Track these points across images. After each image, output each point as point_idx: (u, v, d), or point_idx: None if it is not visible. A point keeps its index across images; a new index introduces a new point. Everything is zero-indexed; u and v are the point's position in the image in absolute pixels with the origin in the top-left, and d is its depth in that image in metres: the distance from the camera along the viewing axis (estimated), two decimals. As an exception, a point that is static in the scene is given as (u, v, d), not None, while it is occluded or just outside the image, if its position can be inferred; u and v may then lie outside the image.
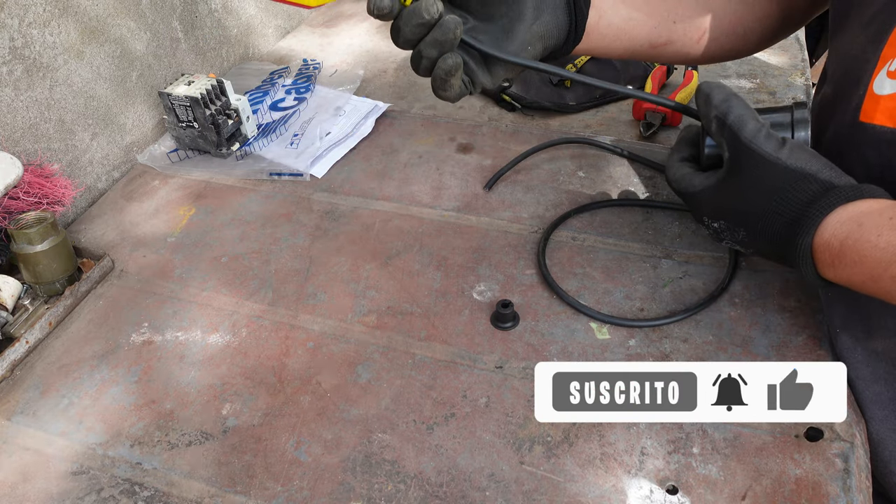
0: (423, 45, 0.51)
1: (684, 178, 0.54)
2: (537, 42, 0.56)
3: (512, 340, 0.61)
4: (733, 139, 0.48)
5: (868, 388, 0.54)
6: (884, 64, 0.47)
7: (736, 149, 0.48)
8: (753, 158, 0.47)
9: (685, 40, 0.63)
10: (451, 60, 0.51)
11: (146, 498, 0.52)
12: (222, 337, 0.64)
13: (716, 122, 0.49)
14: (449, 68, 0.51)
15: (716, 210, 0.51)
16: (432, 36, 0.50)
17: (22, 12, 0.72)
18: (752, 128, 0.48)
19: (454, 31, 0.50)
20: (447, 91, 0.53)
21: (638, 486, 0.49)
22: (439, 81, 0.52)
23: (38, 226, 0.65)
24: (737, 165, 0.49)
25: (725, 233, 0.52)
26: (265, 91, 0.97)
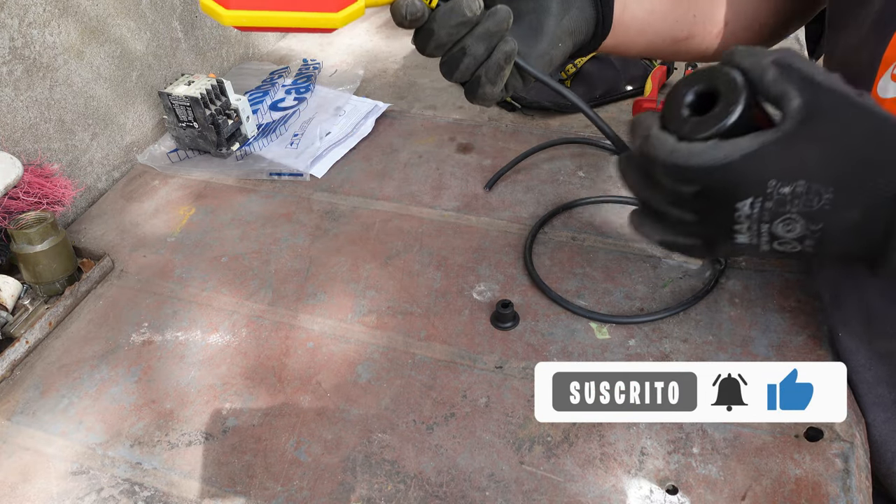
0: (470, 41, 0.46)
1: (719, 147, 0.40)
2: (567, 38, 0.53)
3: (512, 340, 0.61)
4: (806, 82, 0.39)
5: (871, 390, 0.54)
6: (887, 67, 0.47)
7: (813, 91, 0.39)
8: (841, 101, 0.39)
9: (705, 35, 0.62)
10: (512, 44, 0.47)
11: (146, 498, 0.52)
12: (222, 337, 0.64)
13: (774, 68, 0.40)
14: (509, 52, 0.47)
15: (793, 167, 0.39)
16: (484, 27, 0.46)
17: (22, 12, 0.72)
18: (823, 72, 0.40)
19: (507, 21, 0.46)
20: (496, 84, 0.48)
21: (638, 486, 0.49)
22: (493, 71, 0.47)
23: (38, 226, 0.65)
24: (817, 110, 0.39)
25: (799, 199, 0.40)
26: (265, 91, 0.97)
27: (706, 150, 0.39)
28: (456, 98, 0.96)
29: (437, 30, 0.45)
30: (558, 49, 0.52)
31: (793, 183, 0.39)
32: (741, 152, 0.39)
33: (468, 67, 0.47)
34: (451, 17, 0.45)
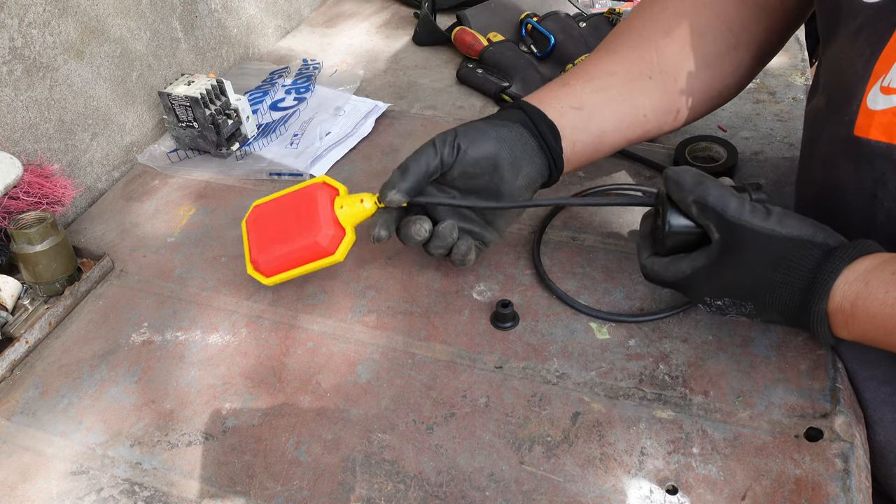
0: (430, 248, 0.59)
1: (669, 267, 0.53)
2: (525, 192, 0.60)
3: (512, 340, 0.60)
4: (720, 219, 0.48)
5: (879, 388, 0.54)
6: (877, 79, 0.47)
7: (726, 228, 0.48)
8: (747, 233, 0.48)
9: (661, 124, 0.65)
10: (464, 246, 0.60)
11: (146, 498, 0.52)
12: (222, 337, 0.64)
13: (695, 206, 0.49)
14: (464, 253, 0.60)
15: (717, 289, 0.51)
16: (434, 244, 0.59)
17: (22, 12, 0.72)
18: (735, 204, 0.48)
19: (451, 236, 0.58)
20: (465, 265, 0.61)
21: (638, 486, 0.49)
22: (459, 260, 0.60)
23: (37, 226, 0.65)
24: (730, 243, 0.48)
25: (731, 308, 0.51)
26: (265, 91, 0.97)
27: (660, 270, 0.53)
28: (456, 98, 0.96)
29: (406, 243, 0.59)
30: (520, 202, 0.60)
31: (721, 299, 0.51)
32: (682, 274, 0.52)
33: (441, 256, 0.61)
34: (409, 241, 0.59)
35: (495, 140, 0.58)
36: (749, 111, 0.87)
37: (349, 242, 0.58)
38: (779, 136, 0.82)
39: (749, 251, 0.48)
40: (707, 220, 0.49)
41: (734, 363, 0.56)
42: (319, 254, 0.57)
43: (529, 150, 0.59)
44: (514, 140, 0.58)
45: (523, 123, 0.59)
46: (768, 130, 0.83)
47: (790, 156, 0.78)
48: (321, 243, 0.56)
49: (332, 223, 0.57)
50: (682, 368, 0.57)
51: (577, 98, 0.62)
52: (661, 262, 0.53)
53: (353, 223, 0.59)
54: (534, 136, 0.59)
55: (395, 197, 0.56)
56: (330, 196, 0.59)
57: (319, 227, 0.56)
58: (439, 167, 0.57)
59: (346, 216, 0.58)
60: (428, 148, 0.57)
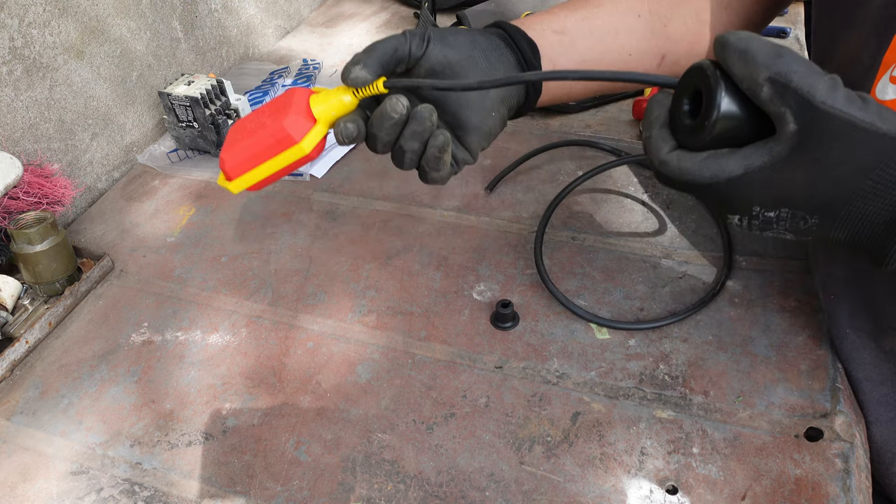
0: (403, 141, 0.50)
1: (707, 165, 0.40)
2: (500, 106, 0.54)
3: (512, 340, 0.60)
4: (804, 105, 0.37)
5: (875, 389, 0.54)
6: (886, 69, 0.47)
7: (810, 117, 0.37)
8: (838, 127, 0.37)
9: (644, 69, 0.61)
10: (442, 138, 0.50)
11: (146, 498, 0.52)
12: (222, 337, 0.64)
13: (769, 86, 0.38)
14: (441, 145, 0.51)
15: (776, 197, 0.40)
16: (410, 129, 0.50)
17: (22, 12, 0.72)
18: (826, 87, 0.37)
19: (430, 119, 0.49)
20: (440, 170, 0.51)
21: (638, 486, 0.49)
22: (432, 162, 0.51)
23: (37, 226, 0.65)
24: (812, 137, 0.38)
25: (784, 222, 0.41)
26: (265, 91, 0.97)
27: (693, 167, 0.40)
28: (456, 98, 0.96)
29: (377, 133, 0.49)
30: (493, 119, 0.53)
31: (776, 209, 0.40)
32: (726, 176, 0.39)
33: (411, 160, 0.51)
34: (383, 121, 0.49)
35: (469, 43, 0.52)
36: (749, 111, 0.87)
37: (319, 134, 0.51)
38: (779, 136, 0.82)
39: (837, 150, 0.38)
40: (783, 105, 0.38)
41: (734, 363, 0.56)
42: (284, 143, 0.50)
43: (506, 63, 0.54)
44: (489, 48, 0.53)
45: (500, 37, 0.54)
46: (768, 130, 0.83)
47: (790, 156, 0.78)
48: (286, 129, 0.50)
49: (302, 112, 0.51)
50: (682, 368, 0.57)
51: (560, 23, 0.58)
52: (693, 158, 0.40)
53: (329, 118, 0.51)
54: (511, 50, 0.54)
55: (360, 73, 0.48)
56: (308, 93, 0.53)
57: (287, 113, 0.51)
58: (406, 56, 0.50)
59: (321, 109, 0.51)
60: (396, 35, 0.51)
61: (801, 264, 0.64)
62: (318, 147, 0.50)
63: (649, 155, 0.43)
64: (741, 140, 0.40)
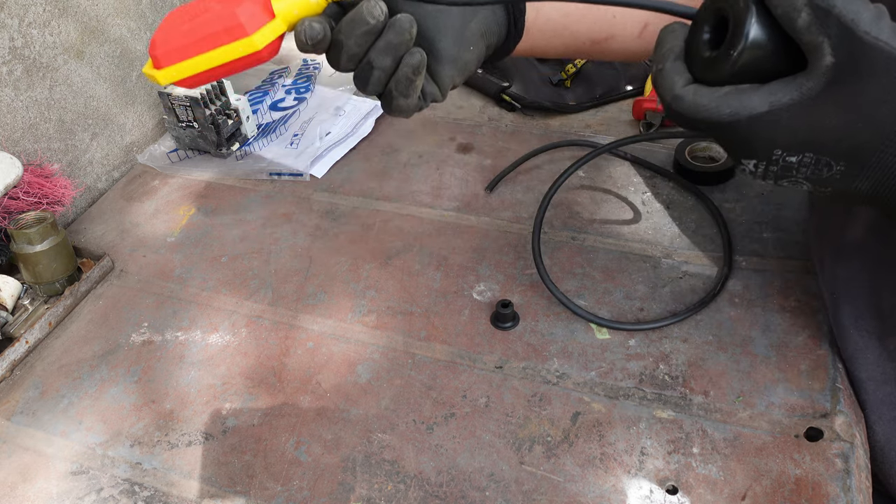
0: (374, 54, 0.44)
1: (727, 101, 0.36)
2: (479, 40, 0.50)
3: (512, 340, 0.60)
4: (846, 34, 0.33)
5: (879, 388, 0.54)
6: None
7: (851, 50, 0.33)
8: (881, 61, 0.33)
9: (625, 35, 0.59)
10: (418, 56, 0.44)
11: (146, 498, 0.52)
12: (222, 337, 0.64)
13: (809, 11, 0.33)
14: (417, 65, 0.44)
15: (803, 139, 0.36)
16: (385, 40, 0.43)
17: (22, 12, 0.72)
18: (870, 16, 0.33)
19: (410, 31, 0.43)
20: (409, 97, 0.46)
21: (638, 486, 0.49)
22: (403, 85, 0.45)
23: (37, 226, 0.65)
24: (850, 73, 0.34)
25: (805, 168, 0.37)
26: (265, 91, 0.97)
27: (710, 103, 0.36)
28: (456, 98, 0.96)
29: (345, 41, 0.43)
30: (471, 53, 0.49)
31: (800, 154, 0.36)
32: (748, 113, 0.36)
33: (379, 80, 0.45)
34: (356, 26, 0.43)
35: None
36: (749, 111, 0.86)
37: (276, 31, 0.44)
38: (779, 136, 0.82)
39: (877, 87, 0.34)
40: (822, 34, 0.34)
41: (734, 363, 0.56)
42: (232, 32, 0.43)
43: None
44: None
45: None
46: (768, 130, 0.83)
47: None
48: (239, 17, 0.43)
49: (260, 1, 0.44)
50: (682, 368, 0.57)
51: None
52: (711, 93, 0.36)
53: (291, 16, 0.44)
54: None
55: None
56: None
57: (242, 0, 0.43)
58: None
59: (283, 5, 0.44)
60: None
61: (801, 264, 0.64)
62: (271, 46, 0.43)
63: (660, 90, 0.38)
64: (766, 75, 0.36)
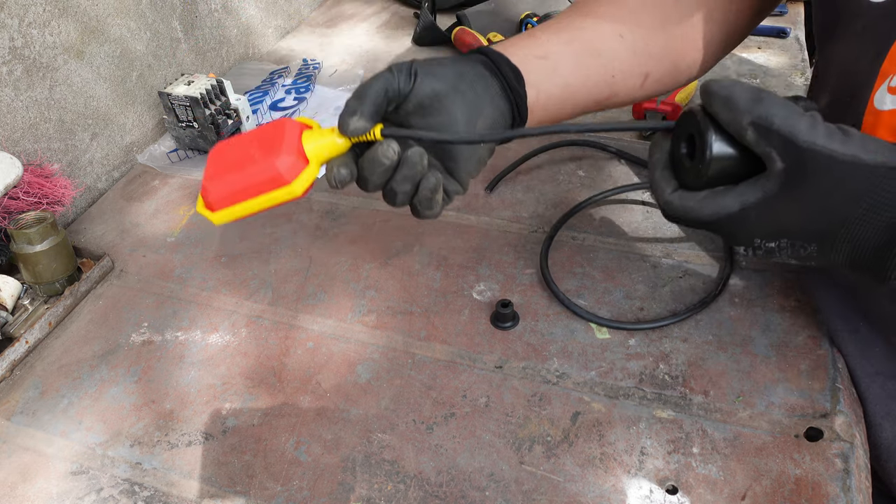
0: (395, 184, 0.50)
1: (707, 204, 0.43)
2: None
3: (512, 340, 0.61)
4: (788, 145, 0.39)
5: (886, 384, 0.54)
6: (884, 79, 0.46)
7: (795, 155, 0.39)
8: (823, 162, 0.39)
9: (628, 89, 0.62)
10: (433, 180, 0.50)
11: (146, 498, 0.52)
12: (222, 337, 0.64)
13: (754, 129, 0.40)
14: (433, 187, 0.50)
15: (774, 229, 0.42)
16: (401, 174, 0.49)
17: (22, 12, 0.72)
18: (806, 126, 0.39)
19: (421, 164, 0.49)
20: (433, 209, 0.51)
21: (638, 486, 0.49)
22: (425, 203, 0.51)
23: (37, 226, 0.65)
24: (799, 173, 0.40)
25: (785, 251, 0.44)
26: (265, 91, 0.97)
27: (694, 206, 0.43)
28: (456, 98, 0.96)
29: (369, 177, 0.49)
30: (482, 149, 0.53)
31: (776, 240, 0.43)
32: (725, 212, 0.42)
33: (403, 201, 0.51)
34: (375, 166, 0.48)
35: (455, 74, 0.51)
36: (749, 111, 0.86)
37: (311, 176, 0.50)
38: (779, 135, 0.82)
39: (824, 183, 0.39)
40: (768, 146, 0.40)
41: (734, 363, 0.56)
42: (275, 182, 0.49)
43: (491, 92, 0.53)
44: (474, 77, 0.52)
45: (484, 64, 0.54)
46: (768, 130, 0.83)
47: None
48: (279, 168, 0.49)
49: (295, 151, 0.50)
50: (682, 368, 0.57)
51: (542, 48, 0.58)
52: (693, 197, 0.43)
53: (321, 158, 0.51)
54: (496, 77, 0.54)
55: (359, 123, 0.48)
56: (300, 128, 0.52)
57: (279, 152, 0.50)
58: (396, 93, 0.50)
59: (314, 148, 0.50)
60: (383, 73, 0.51)
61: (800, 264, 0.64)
62: (308, 188, 0.50)
63: (654, 195, 0.46)
64: (737, 177, 0.42)
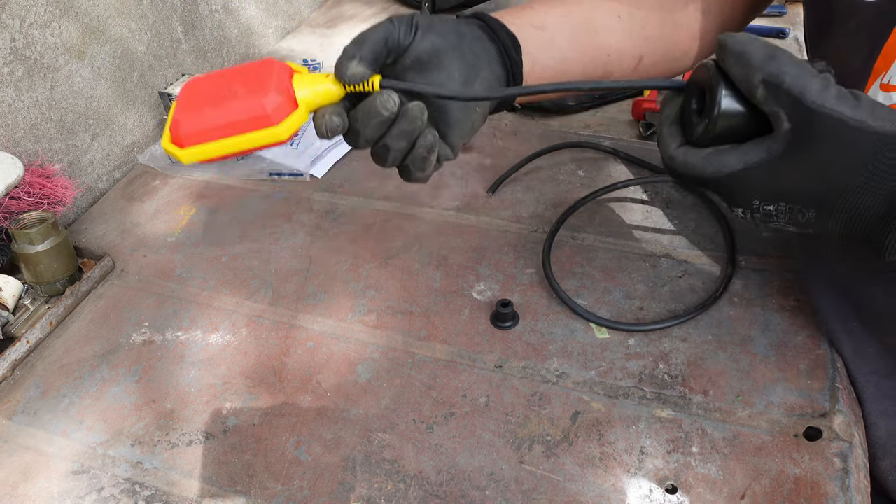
0: (390, 139, 0.48)
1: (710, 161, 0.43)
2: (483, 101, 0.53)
3: (512, 340, 0.61)
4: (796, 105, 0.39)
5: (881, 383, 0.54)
6: (876, 77, 0.47)
7: (802, 116, 0.39)
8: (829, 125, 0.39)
9: (622, 70, 0.61)
10: (431, 137, 0.49)
11: (147, 497, 0.52)
12: (222, 337, 0.64)
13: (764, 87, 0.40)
14: (430, 145, 0.49)
15: (773, 191, 0.42)
16: (399, 128, 0.47)
17: (23, 13, 0.72)
18: (817, 87, 0.39)
19: (421, 118, 0.47)
20: (426, 171, 0.50)
21: (637, 486, 0.49)
22: (419, 162, 0.49)
23: (38, 226, 0.65)
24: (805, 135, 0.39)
25: (783, 215, 0.43)
26: (265, 91, 0.97)
27: (697, 162, 0.43)
28: (456, 98, 0.96)
29: (362, 129, 0.47)
30: (476, 113, 0.52)
31: (775, 203, 0.42)
32: (727, 170, 0.42)
33: (395, 159, 0.49)
34: (371, 117, 0.46)
35: (455, 33, 0.50)
36: (749, 111, 0.87)
37: (299, 121, 0.47)
38: (778, 135, 0.82)
39: (829, 147, 0.39)
40: (777, 105, 0.40)
41: (733, 362, 0.56)
42: (259, 122, 0.46)
43: (489, 54, 0.52)
44: (473, 39, 0.51)
45: (482, 28, 0.53)
46: (768, 130, 0.83)
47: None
48: (266, 107, 0.46)
49: (284, 91, 0.47)
50: (681, 368, 0.57)
51: (540, 19, 0.57)
52: (697, 153, 0.43)
53: (311, 105, 0.47)
54: (493, 43, 0.53)
55: (357, 69, 0.46)
56: (289, 71, 0.49)
57: (267, 90, 0.46)
58: (396, 44, 0.48)
59: (305, 95, 0.47)
60: (383, 22, 0.49)
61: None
62: (292, 135, 0.47)
63: (660, 149, 0.45)
64: (743, 136, 0.41)
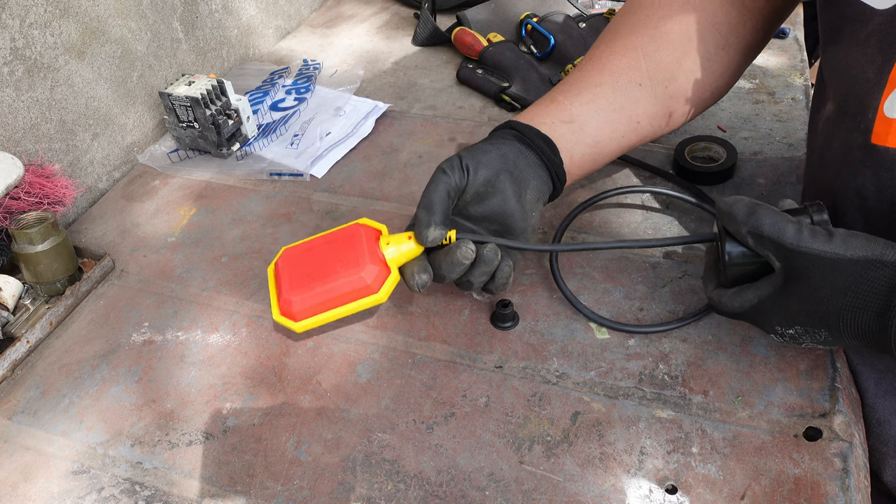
0: (473, 277, 0.56)
1: (735, 299, 0.50)
2: (535, 207, 0.60)
3: (512, 340, 0.61)
4: (778, 248, 0.46)
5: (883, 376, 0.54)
6: (893, 87, 0.46)
7: (785, 256, 0.46)
8: (809, 260, 0.45)
9: (655, 129, 0.65)
10: (507, 269, 0.57)
11: (147, 497, 0.52)
12: (222, 337, 0.64)
13: (752, 237, 0.47)
14: (508, 275, 0.57)
15: (787, 318, 0.48)
16: (479, 270, 0.55)
17: (23, 13, 0.72)
18: (792, 231, 0.46)
19: (497, 258, 0.55)
20: (506, 288, 0.58)
21: (637, 486, 0.49)
22: (500, 287, 0.58)
23: (38, 226, 0.65)
24: (793, 271, 0.46)
25: (805, 336, 0.48)
26: (265, 91, 0.98)
27: (726, 301, 0.51)
28: (456, 98, 0.97)
29: (447, 275, 0.55)
30: (533, 218, 0.60)
31: (793, 327, 0.48)
32: (748, 305, 0.50)
33: (478, 288, 0.58)
34: (454, 266, 0.54)
35: (499, 157, 0.57)
36: (748, 111, 0.87)
37: (393, 282, 0.55)
38: (778, 136, 0.82)
39: (814, 278, 0.45)
40: (765, 249, 0.47)
41: (733, 363, 0.56)
42: (362, 292, 0.53)
43: (532, 164, 0.59)
44: (515, 155, 0.58)
45: (519, 140, 0.59)
46: (767, 131, 0.83)
47: (789, 156, 0.78)
48: (366, 280, 0.53)
49: (378, 260, 0.54)
50: (681, 368, 0.57)
51: (567, 112, 0.62)
52: (726, 293, 0.51)
53: (399, 263, 0.55)
54: (532, 150, 0.59)
55: (436, 233, 0.53)
56: (374, 234, 0.56)
57: (364, 262, 0.53)
58: (456, 191, 0.55)
59: (393, 256, 0.55)
60: (439, 175, 0.55)
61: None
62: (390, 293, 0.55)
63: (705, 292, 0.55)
64: (758, 275, 0.50)
